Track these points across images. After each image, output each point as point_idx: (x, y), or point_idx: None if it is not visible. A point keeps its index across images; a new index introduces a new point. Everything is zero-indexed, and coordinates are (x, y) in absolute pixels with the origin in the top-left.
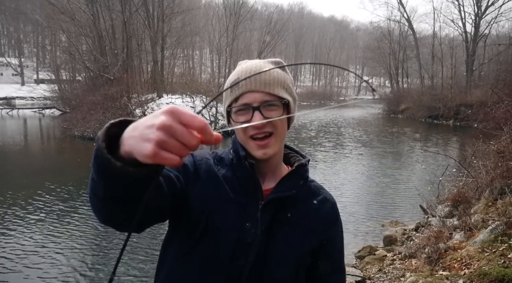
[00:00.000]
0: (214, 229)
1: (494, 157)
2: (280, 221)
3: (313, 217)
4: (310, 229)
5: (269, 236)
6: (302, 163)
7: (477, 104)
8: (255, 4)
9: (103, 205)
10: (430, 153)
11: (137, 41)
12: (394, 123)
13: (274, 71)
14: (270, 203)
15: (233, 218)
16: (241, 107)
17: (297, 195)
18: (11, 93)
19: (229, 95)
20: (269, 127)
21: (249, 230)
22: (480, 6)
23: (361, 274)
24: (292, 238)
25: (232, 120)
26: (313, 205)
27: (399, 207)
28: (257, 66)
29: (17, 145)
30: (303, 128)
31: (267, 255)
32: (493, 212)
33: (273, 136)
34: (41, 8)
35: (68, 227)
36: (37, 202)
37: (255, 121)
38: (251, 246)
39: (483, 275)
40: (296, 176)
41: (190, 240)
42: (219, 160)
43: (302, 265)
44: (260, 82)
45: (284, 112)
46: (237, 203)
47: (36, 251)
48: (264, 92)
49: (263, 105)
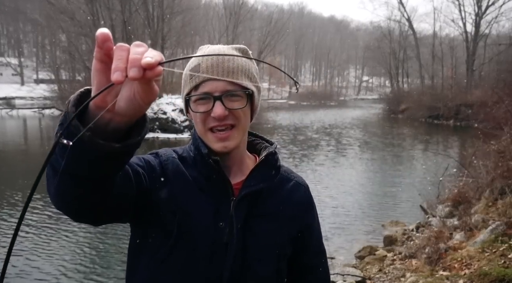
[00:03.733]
0: (188, 233)
1: (495, 156)
2: (255, 216)
3: (288, 206)
4: (287, 218)
5: (246, 232)
6: (271, 151)
7: (477, 104)
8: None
9: (60, 180)
10: (430, 152)
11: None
12: (394, 123)
13: (238, 58)
14: (243, 199)
15: (205, 219)
16: (201, 96)
17: (270, 185)
18: (11, 93)
19: (188, 82)
20: (231, 119)
21: (224, 230)
22: (480, 6)
23: (361, 274)
24: (270, 231)
25: (191, 110)
26: (286, 192)
27: (399, 207)
28: (220, 51)
29: (17, 145)
30: (303, 128)
31: (246, 252)
32: (493, 212)
33: (235, 128)
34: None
35: (68, 227)
36: (36, 202)
37: (215, 111)
38: (228, 246)
39: (484, 275)
40: (267, 167)
41: (165, 246)
42: (181, 159)
43: (283, 256)
44: (223, 69)
45: (247, 103)
46: (208, 202)
47: (35, 251)
48: (226, 81)
49: (225, 95)
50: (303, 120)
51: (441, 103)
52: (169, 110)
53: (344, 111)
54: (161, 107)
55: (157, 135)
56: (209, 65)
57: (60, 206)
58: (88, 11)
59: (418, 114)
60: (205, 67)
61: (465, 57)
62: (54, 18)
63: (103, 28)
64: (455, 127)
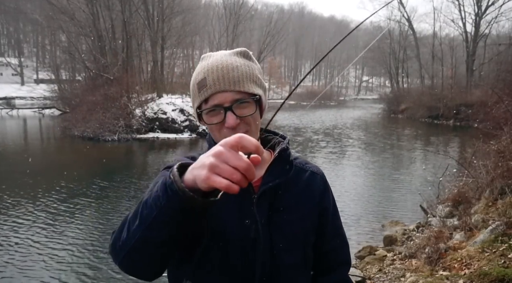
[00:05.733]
0: (218, 234)
1: (495, 156)
2: (276, 209)
3: (306, 196)
4: (306, 208)
5: (270, 226)
6: (283, 147)
7: (477, 104)
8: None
9: (158, 251)
10: (430, 152)
11: (137, 41)
12: (394, 123)
13: (241, 64)
14: (263, 195)
15: (232, 218)
16: (212, 108)
17: (286, 179)
18: (11, 93)
19: (198, 96)
20: (243, 127)
21: (250, 226)
22: (480, 6)
23: (361, 274)
24: (293, 222)
25: (204, 122)
26: (303, 183)
27: (399, 207)
28: (222, 61)
29: (17, 145)
30: (303, 129)
31: (273, 245)
32: (493, 212)
33: (248, 133)
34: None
35: (67, 227)
36: (36, 202)
37: (228, 122)
38: (256, 242)
39: (483, 275)
40: (281, 162)
41: (199, 250)
42: None
43: (308, 243)
44: (229, 80)
45: (256, 108)
46: (231, 202)
47: (35, 250)
48: (234, 91)
49: (234, 105)
50: (303, 121)
51: (441, 103)
52: (169, 110)
53: (344, 111)
54: (161, 107)
55: (157, 135)
56: (215, 79)
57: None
58: (88, 11)
59: (418, 114)
60: (212, 80)
61: (465, 57)
62: (54, 18)
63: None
64: (455, 127)
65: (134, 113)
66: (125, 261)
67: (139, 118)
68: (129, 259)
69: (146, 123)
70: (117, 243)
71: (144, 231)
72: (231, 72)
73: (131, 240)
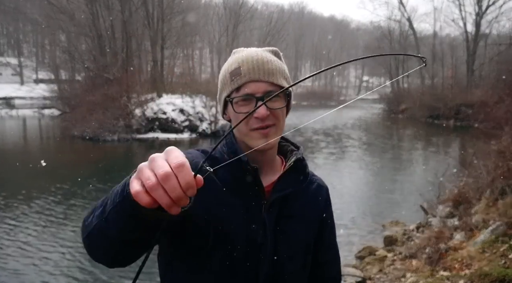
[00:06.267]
0: (223, 237)
1: (495, 157)
2: (284, 217)
3: (313, 207)
4: (312, 219)
5: (277, 233)
6: (299, 157)
7: (477, 104)
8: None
9: (112, 246)
10: (431, 153)
11: (137, 41)
12: (394, 123)
13: (275, 60)
14: (274, 202)
15: (237, 222)
16: (244, 97)
17: (298, 189)
18: (10, 93)
19: (229, 84)
20: (271, 119)
21: (257, 232)
22: (480, 5)
23: (361, 274)
24: (298, 231)
25: (234, 111)
26: (311, 194)
27: (400, 207)
28: (257, 54)
29: (17, 145)
30: (304, 129)
31: (278, 252)
32: (493, 212)
33: (275, 126)
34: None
35: (66, 227)
36: (36, 201)
37: (259, 112)
38: (262, 247)
39: (484, 275)
40: (296, 172)
41: (202, 252)
42: (213, 160)
43: (309, 252)
44: (264, 71)
45: (286, 103)
46: (239, 205)
47: (34, 250)
48: (268, 82)
49: (266, 96)
50: (303, 121)
51: (441, 103)
52: (169, 110)
53: (344, 111)
54: (161, 107)
55: (157, 136)
56: (250, 68)
57: (99, 258)
58: (87, 11)
59: (418, 114)
60: (246, 69)
61: (465, 57)
62: (54, 18)
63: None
64: (455, 127)
65: (134, 113)
66: (85, 242)
67: (139, 118)
68: (87, 241)
69: (146, 123)
70: (86, 221)
71: (101, 222)
72: (266, 65)
73: (91, 225)
